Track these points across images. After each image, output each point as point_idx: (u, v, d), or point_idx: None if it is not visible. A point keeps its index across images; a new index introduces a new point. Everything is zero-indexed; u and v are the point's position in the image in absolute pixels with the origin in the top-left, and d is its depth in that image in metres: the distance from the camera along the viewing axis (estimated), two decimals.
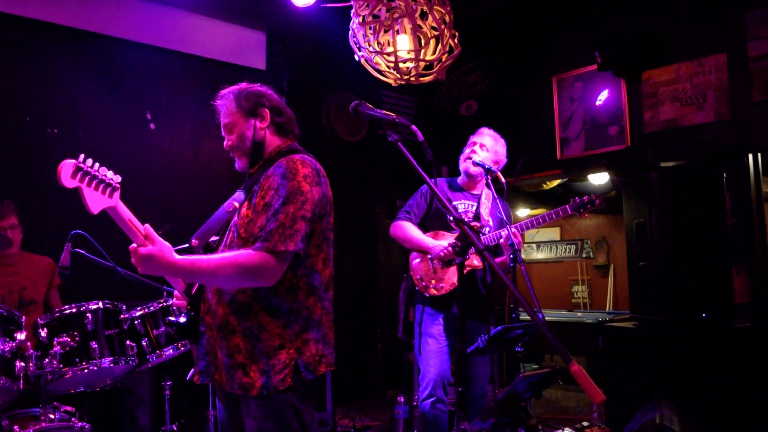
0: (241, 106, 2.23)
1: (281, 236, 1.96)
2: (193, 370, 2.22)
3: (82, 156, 1.79)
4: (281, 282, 2.02)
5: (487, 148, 3.69)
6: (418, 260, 3.66)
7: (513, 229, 3.41)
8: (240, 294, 2.06)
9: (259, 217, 2.03)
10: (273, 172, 2.08)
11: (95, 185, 1.79)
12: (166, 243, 1.92)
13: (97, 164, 1.81)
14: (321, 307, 2.12)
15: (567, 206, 3.57)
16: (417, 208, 3.74)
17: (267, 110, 2.24)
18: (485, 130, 3.78)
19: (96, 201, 1.80)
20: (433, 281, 3.54)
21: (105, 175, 1.81)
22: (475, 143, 3.70)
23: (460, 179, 3.80)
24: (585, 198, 3.57)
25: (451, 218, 3.58)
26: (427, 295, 3.55)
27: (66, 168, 1.76)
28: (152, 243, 1.89)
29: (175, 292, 2.25)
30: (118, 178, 1.84)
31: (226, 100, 2.27)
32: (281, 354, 2.02)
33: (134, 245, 1.89)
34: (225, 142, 2.27)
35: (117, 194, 1.85)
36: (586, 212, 3.57)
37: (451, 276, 3.50)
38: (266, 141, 2.25)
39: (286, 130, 2.30)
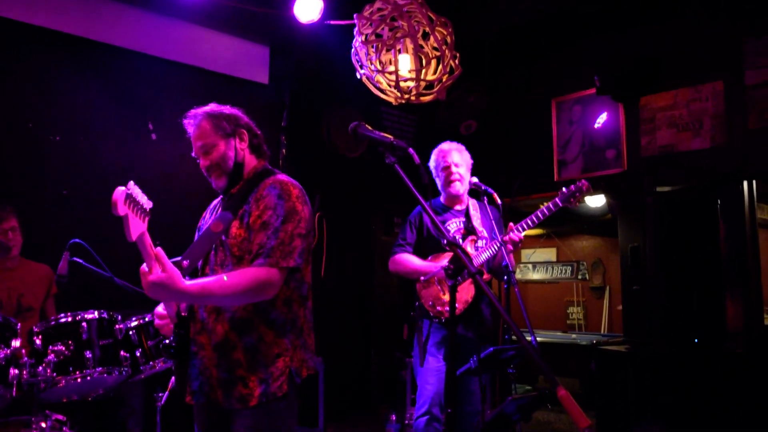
0: (221, 126, 2.29)
1: (282, 253, 2.05)
2: (166, 393, 2.24)
3: (131, 183, 1.75)
4: (278, 295, 2.10)
5: (459, 164, 3.71)
6: (425, 287, 3.64)
7: (513, 234, 3.42)
8: (240, 310, 2.12)
9: (258, 235, 2.10)
10: (268, 193, 2.16)
11: (137, 212, 1.77)
12: (175, 268, 1.88)
13: (137, 188, 1.78)
14: (305, 315, 2.23)
15: (557, 199, 3.60)
16: (409, 238, 3.76)
17: (245, 131, 2.33)
18: (447, 147, 3.78)
19: (136, 227, 1.77)
20: (447, 305, 3.53)
21: (143, 202, 1.79)
22: (450, 164, 3.70)
23: (443, 198, 3.82)
24: (572, 187, 3.60)
25: (445, 242, 3.63)
26: (443, 319, 3.54)
27: (120, 197, 1.70)
28: (162, 266, 1.85)
29: (157, 310, 2.22)
30: (150, 204, 1.83)
31: (200, 120, 2.31)
32: (279, 362, 2.10)
33: (144, 268, 1.85)
34: (202, 162, 2.33)
35: (147, 220, 1.83)
36: (576, 201, 3.60)
37: (463, 294, 3.51)
38: (245, 161, 2.34)
39: (261, 151, 2.40)
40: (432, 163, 3.80)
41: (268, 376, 2.08)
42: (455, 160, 3.71)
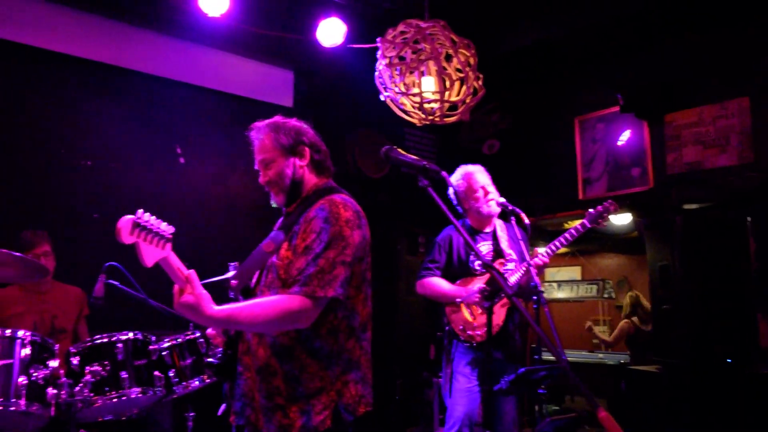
0: (280, 142, 2.21)
1: (320, 281, 1.95)
2: (224, 405, 2.23)
3: (140, 211, 1.77)
4: (323, 324, 2.03)
5: (488, 185, 3.73)
6: (455, 311, 3.64)
7: (537, 259, 3.43)
8: (282, 336, 2.05)
9: (299, 259, 2.02)
10: (315, 215, 2.06)
11: (150, 239, 1.78)
12: (205, 293, 1.88)
13: (153, 217, 1.80)
14: (360, 347, 2.12)
15: (584, 220, 3.60)
16: (438, 261, 3.76)
17: (306, 148, 2.24)
18: (474, 168, 3.80)
19: (151, 254, 1.79)
20: (477, 329, 3.53)
21: (159, 228, 1.81)
22: (484, 185, 3.72)
23: (470, 221, 3.81)
24: (600, 207, 3.59)
25: (479, 263, 3.64)
26: (475, 344, 3.54)
27: (125, 226, 1.74)
28: (192, 289, 1.84)
29: None
30: (171, 230, 1.84)
31: (262, 134, 2.24)
32: (322, 396, 2.01)
33: (176, 288, 1.87)
34: (261, 178, 2.25)
35: (169, 245, 1.84)
36: (603, 222, 3.59)
37: (494, 318, 3.46)
38: (305, 179, 2.24)
39: (323, 168, 2.29)
40: (458, 188, 3.78)
41: (310, 408, 1.99)
42: (486, 181, 3.74)
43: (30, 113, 4.55)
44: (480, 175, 3.75)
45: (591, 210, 3.63)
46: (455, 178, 3.82)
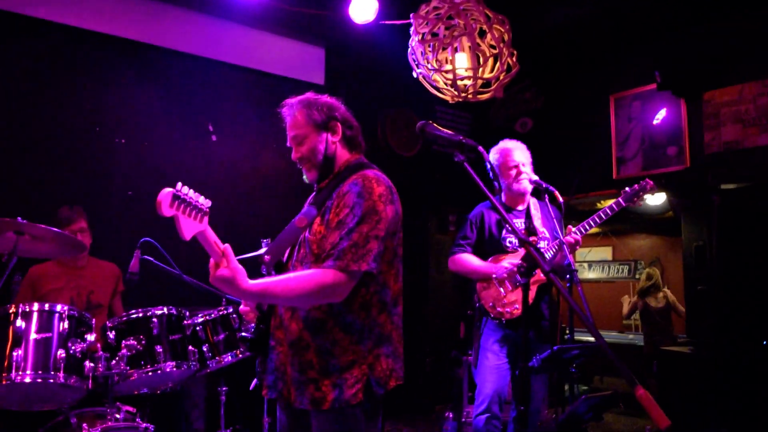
0: (313, 118, 2.20)
1: (354, 255, 1.96)
2: (255, 380, 2.26)
3: (179, 184, 1.77)
4: (355, 298, 2.03)
5: (525, 163, 3.68)
6: (485, 287, 3.63)
7: (570, 237, 3.39)
8: (314, 311, 2.07)
9: (332, 234, 2.03)
10: (349, 190, 2.07)
11: (188, 212, 1.79)
12: (240, 267, 1.89)
13: (191, 190, 1.80)
14: (391, 322, 2.12)
15: (620, 199, 3.53)
16: (470, 238, 3.74)
17: (339, 124, 2.24)
18: (511, 145, 3.74)
19: (189, 227, 1.80)
20: (507, 306, 3.52)
21: (197, 201, 1.81)
22: (518, 163, 3.66)
23: (504, 198, 3.77)
24: (636, 186, 3.53)
25: (511, 240, 3.61)
26: (504, 321, 3.53)
27: (165, 198, 1.73)
28: (228, 263, 1.86)
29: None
30: (208, 203, 1.84)
31: (294, 110, 2.24)
32: (354, 369, 2.03)
33: (213, 262, 1.88)
34: (294, 154, 2.25)
35: (206, 219, 1.85)
36: (640, 200, 3.53)
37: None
38: (337, 155, 2.24)
39: (355, 144, 2.30)
40: (494, 162, 3.75)
41: (342, 382, 2.01)
42: (521, 158, 3.68)
43: (65, 92, 4.61)
44: (517, 152, 3.70)
45: (627, 188, 3.56)
46: (493, 152, 3.78)
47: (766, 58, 4.99)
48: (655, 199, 6.89)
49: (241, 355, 3.39)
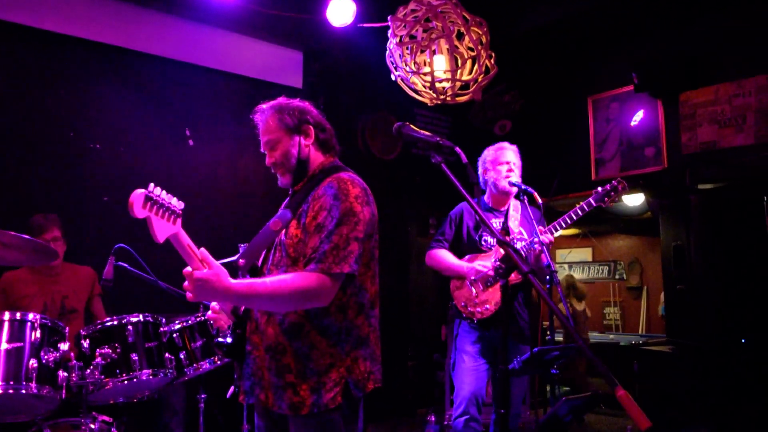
0: (285, 122, 2.20)
1: (335, 258, 1.95)
2: (232, 388, 2.22)
3: (151, 185, 1.75)
4: (332, 301, 2.00)
5: (517, 165, 3.69)
6: (458, 287, 3.63)
7: (543, 237, 3.39)
8: (291, 314, 2.04)
9: (312, 238, 2.01)
10: (324, 192, 2.06)
11: (161, 213, 1.76)
12: (222, 267, 1.86)
13: (163, 192, 1.78)
14: (368, 324, 2.12)
15: (591, 199, 3.53)
16: (448, 235, 3.75)
17: (311, 127, 2.23)
18: (507, 146, 3.75)
19: (162, 229, 1.77)
20: (478, 306, 3.52)
21: (170, 203, 1.79)
22: (508, 162, 3.68)
23: (487, 198, 3.79)
24: (608, 186, 3.54)
25: (487, 240, 3.61)
26: (475, 320, 3.52)
27: (137, 199, 1.71)
28: (208, 267, 1.82)
29: (212, 304, 2.18)
30: (181, 205, 1.82)
31: (266, 116, 2.23)
32: (332, 372, 2.01)
33: (189, 269, 1.83)
34: (267, 159, 2.24)
35: (179, 221, 1.82)
36: (611, 201, 3.53)
37: (495, 295, 3.48)
38: (310, 158, 2.24)
39: (328, 146, 2.29)
40: (486, 158, 3.77)
41: (320, 386, 1.99)
42: (513, 159, 3.69)
43: (39, 97, 4.53)
44: (511, 152, 3.71)
45: (599, 188, 3.57)
46: (487, 150, 3.80)
47: (741, 59, 5.05)
48: (634, 200, 6.94)
49: (219, 362, 3.35)
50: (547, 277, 3.22)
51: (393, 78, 4.24)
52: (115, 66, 4.89)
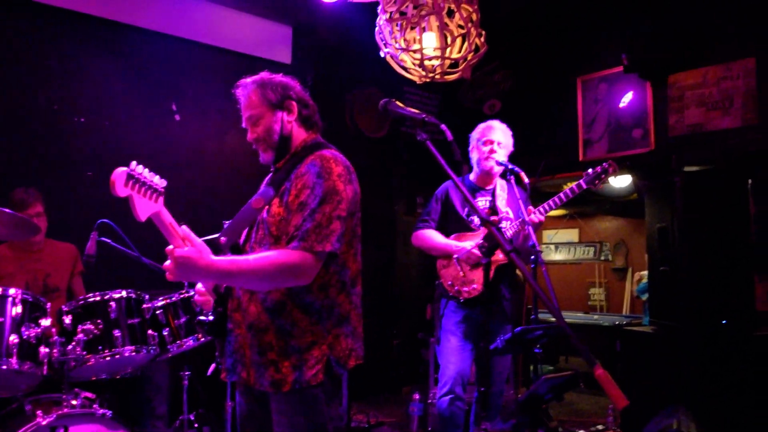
0: (268, 98, 2.16)
1: (318, 236, 1.94)
2: (213, 365, 2.22)
3: (133, 163, 1.73)
4: (314, 279, 2.00)
5: (502, 144, 3.67)
6: (445, 266, 3.63)
7: (533, 217, 3.39)
8: (274, 292, 2.03)
9: (295, 216, 2.00)
10: (307, 171, 2.04)
11: (143, 191, 1.74)
12: (204, 244, 1.85)
13: (146, 170, 1.75)
14: (350, 302, 2.12)
15: (581, 181, 3.54)
16: (434, 214, 3.73)
17: (294, 103, 2.20)
18: (496, 125, 3.74)
19: (144, 207, 1.75)
20: (465, 284, 3.52)
21: (152, 181, 1.76)
22: (492, 142, 3.67)
23: (473, 176, 3.77)
24: (598, 168, 3.54)
25: (478, 219, 3.61)
26: (461, 299, 3.53)
27: (119, 177, 1.69)
28: (191, 244, 1.82)
29: (197, 287, 2.19)
30: (163, 183, 1.79)
31: (249, 90, 2.20)
32: (314, 350, 2.01)
33: (171, 247, 1.82)
34: (249, 135, 2.22)
35: (162, 199, 1.80)
36: (602, 182, 3.54)
37: (482, 275, 3.47)
38: (293, 134, 2.21)
39: (311, 123, 2.26)
40: (474, 135, 3.76)
41: (302, 363, 1.99)
42: (499, 138, 3.67)
43: (22, 69, 4.45)
44: (498, 132, 3.69)
45: (589, 170, 3.57)
46: (477, 128, 3.78)
47: (729, 42, 5.04)
48: (621, 182, 6.96)
49: (203, 339, 3.34)
50: (532, 257, 3.23)
51: (382, 55, 4.19)
52: (100, 38, 4.81)
